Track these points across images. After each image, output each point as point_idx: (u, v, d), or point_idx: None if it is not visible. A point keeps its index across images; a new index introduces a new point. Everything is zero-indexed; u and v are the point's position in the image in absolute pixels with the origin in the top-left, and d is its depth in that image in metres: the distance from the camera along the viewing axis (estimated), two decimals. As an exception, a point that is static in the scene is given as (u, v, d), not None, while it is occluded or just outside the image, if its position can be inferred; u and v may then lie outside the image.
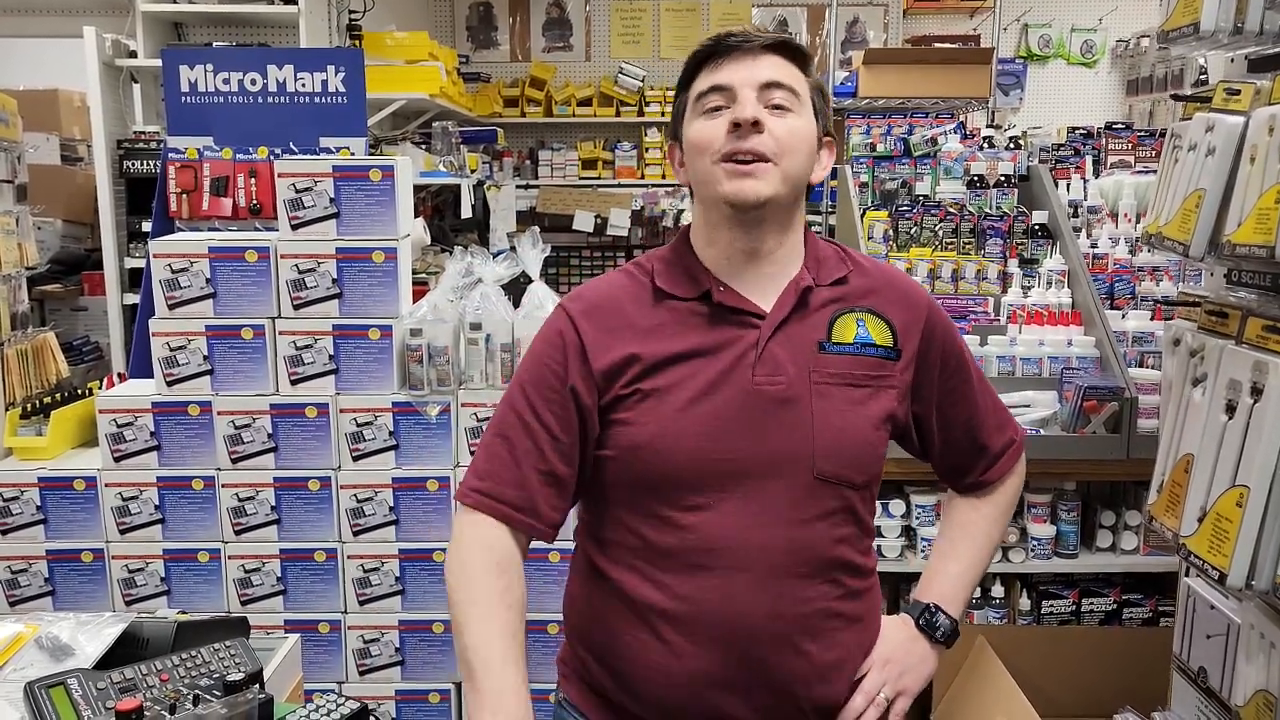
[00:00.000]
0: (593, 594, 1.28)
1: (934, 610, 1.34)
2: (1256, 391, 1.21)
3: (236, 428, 2.23)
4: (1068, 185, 3.11)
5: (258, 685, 1.25)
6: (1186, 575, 1.61)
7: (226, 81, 2.80)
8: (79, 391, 2.57)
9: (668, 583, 1.21)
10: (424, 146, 4.61)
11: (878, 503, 2.47)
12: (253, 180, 2.66)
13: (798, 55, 1.25)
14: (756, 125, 1.17)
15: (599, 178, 6.58)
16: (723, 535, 1.19)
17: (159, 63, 2.96)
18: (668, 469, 1.20)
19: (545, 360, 1.25)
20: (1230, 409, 1.26)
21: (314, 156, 2.55)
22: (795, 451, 1.20)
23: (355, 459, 2.25)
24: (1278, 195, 1.17)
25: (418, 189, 4.37)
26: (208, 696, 1.19)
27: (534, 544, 1.28)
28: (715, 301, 1.23)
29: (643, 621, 1.22)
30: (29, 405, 2.41)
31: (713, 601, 1.19)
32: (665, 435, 1.19)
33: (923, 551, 2.50)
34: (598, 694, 1.29)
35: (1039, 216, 2.90)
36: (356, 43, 4.34)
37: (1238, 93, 1.31)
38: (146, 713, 1.14)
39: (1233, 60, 1.44)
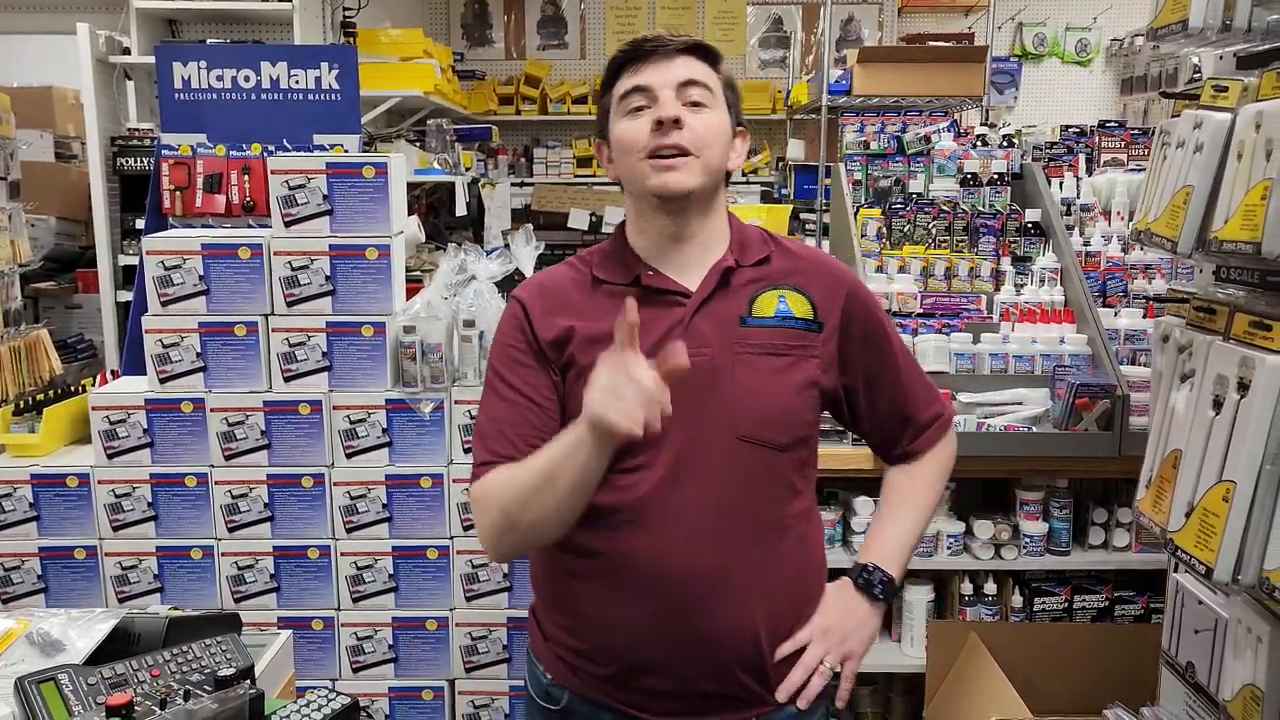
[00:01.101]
0: (547, 548, 1.38)
1: (871, 569, 1.43)
2: (1243, 387, 1.21)
3: (229, 425, 2.24)
4: (1060, 183, 3.11)
5: (249, 681, 1.25)
6: (1175, 571, 1.62)
7: (220, 78, 2.79)
8: (72, 389, 2.57)
9: (608, 537, 1.32)
10: (418, 144, 4.60)
11: (870, 500, 2.49)
12: (246, 177, 2.66)
13: (709, 55, 1.37)
14: (677, 122, 1.29)
15: (594, 175, 6.58)
16: (655, 495, 1.30)
17: (153, 60, 2.96)
18: None
19: (508, 341, 1.38)
20: (1217, 404, 1.26)
21: (307, 154, 2.55)
22: (718, 415, 1.31)
23: (348, 456, 2.25)
24: (1264, 192, 1.18)
25: (412, 187, 4.37)
26: (198, 692, 1.19)
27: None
28: (644, 285, 1.35)
29: (585, 574, 1.35)
30: (22, 402, 2.41)
31: (644, 555, 1.30)
32: None
33: (915, 548, 2.51)
34: (552, 640, 1.42)
35: (1032, 214, 2.91)
36: (351, 40, 4.34)
37: (1225, 89, 1.32)
38: (137, 708, 1.14)
39: (1221, 57, 1.45)
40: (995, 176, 3.02)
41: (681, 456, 1.30)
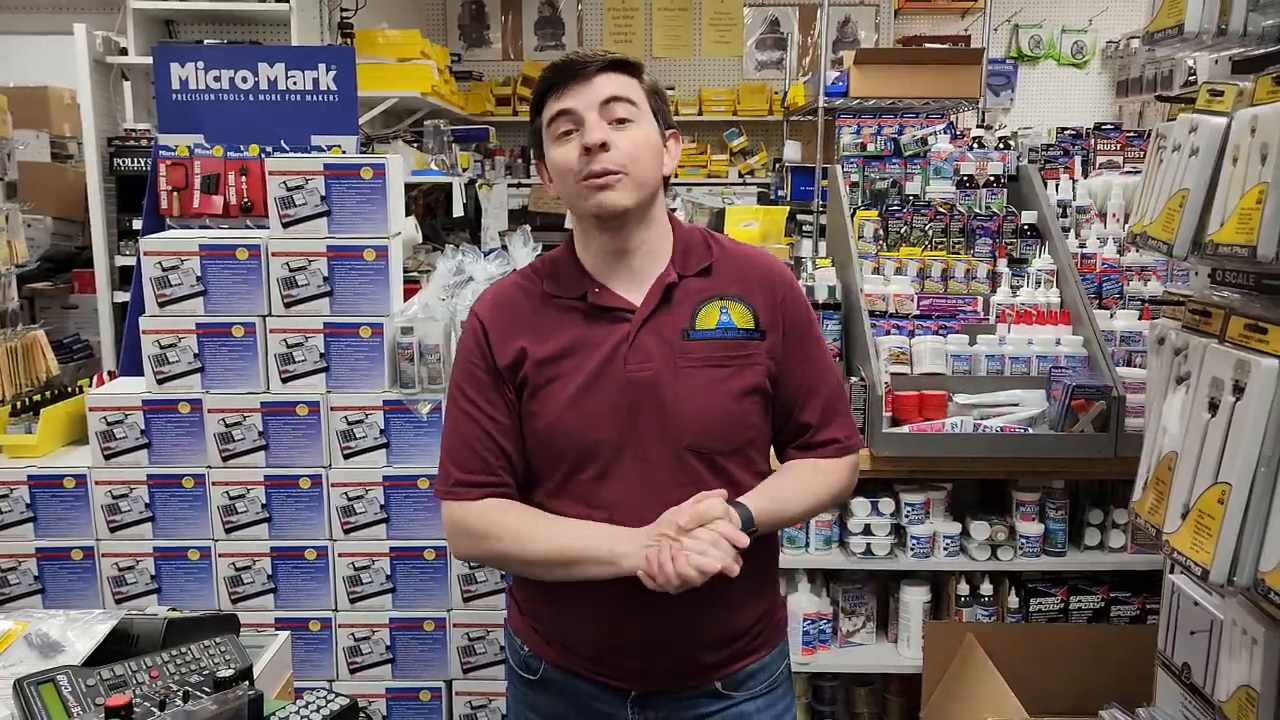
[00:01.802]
0: None
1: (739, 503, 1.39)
2: (1238, 390, 1.22)
3: (227, 425, 2.24)
4: (1056, 185, 3.12)
5: (248, 682, 1.25)
6: (1171, 572, 1.62)
7: (218, 79, 2.79)
8: (69, 389, 2.57)
9: None
10: (416, 145, 4.61)
11: (867, 500, 2.50)
12: (243, 178, 2.66)
13: (630, 68, 1.40)
14: (604, 146, 1.33)
15: (591, 176, 6.56)
16: (616, 501, 1.36)
17: (150, 60, 2.96)
18: (562, 453, 1.38)
19: (470, 359, 1.43)
20: (1213, 407, 1.27)
21: (305, 155, 2.56)
22: (664, 428, 1.36)
23: (346, 457, 2.25)
24: (1259, 195, 1.18)
25: (409, 187, 4.37)
26: (197, 693, 1.19)
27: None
28: (590, 302, 1.40)
29: (559, 585, 1.40)
30: (19, 403, 2.41)
31: None
32: (556, 425, 1.37)
33: (912, 549, 2.52)
34: (528, 616, 1.49)
35: (1028, 216, 2.91)
36: (348, 41, 4.34)
37: (1221, 94, 1.32)
38: (136, 709, 1.14)
39: (1217, 61, 1.46)
40: (991, 179, 3.03)
41: (636, 467, 1.36)
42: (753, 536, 1.33)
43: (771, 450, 1.54)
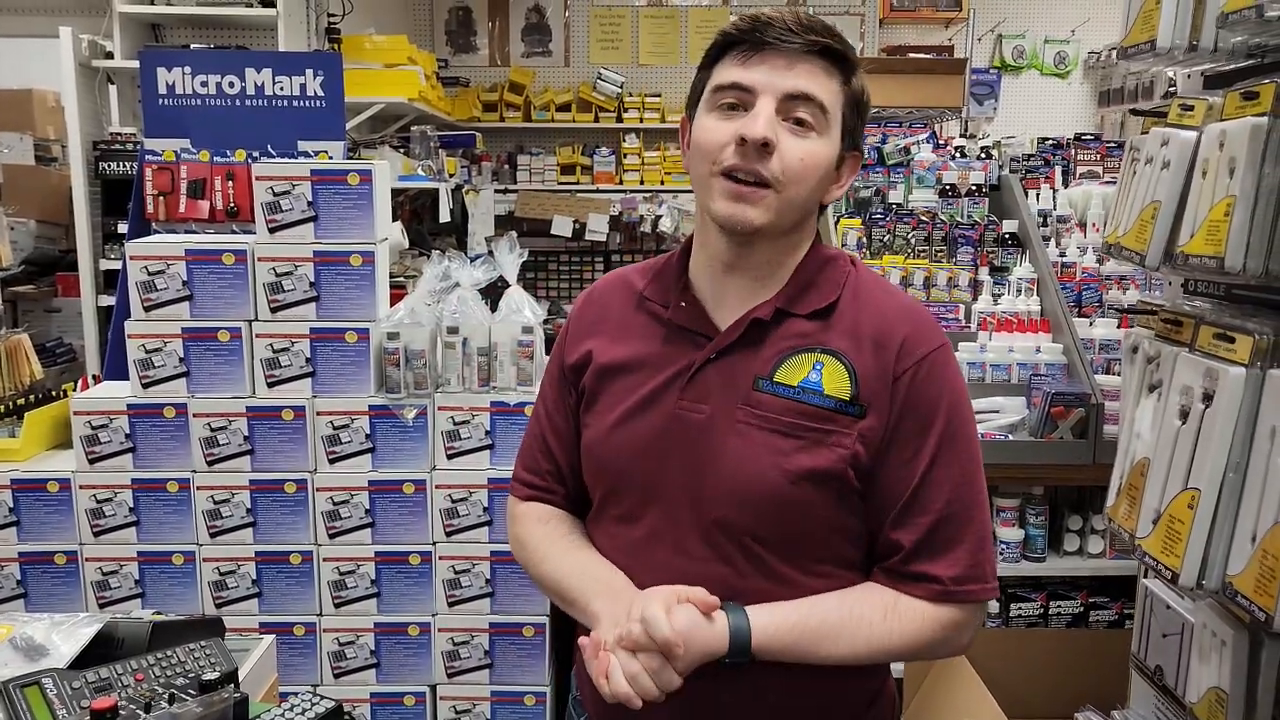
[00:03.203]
0: None
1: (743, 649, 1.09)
2: (1207, 398, 1.25)
3: (212, 430, 2.24)
4: (1037, 195, 3.16)
5: (233, 685, 1.26)
6: (1144, 576, 1.65)
7: (204, 84, 2.80)
8: (53, 393, 2.56)
9: None
10: (402, 150, 4.62)
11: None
12: (230, 183, 2.66)
13: (840, 61, 1.12)
14: (765, 146, 1.07)
15: (577, 183, 6.59)
16: (637, 553, 1.17)
17: (136, 64, 2.96)
18: (598, 476, 1.24)
19: (555, 354, 1.32)
20: (1183, 414, 1.30)
21: (292, 160, 2.56)
22: (695, 489, 1.13)
23: (331, 461, 2.26)
24: (1227, 208, 1.21)
25: (396, 193, 4.38)
26: (183, 696, 1.20)
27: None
28: (668, 318, 1.19)
29: None
30: (2, 406, 2.40)
31: None
32: (599, 444, 1.21)
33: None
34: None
35: (1009, 225, 2.95)
36: (335, 46, 4.35)
37: (1191, 109, 1.36)
38: (122, 711, 1.15)
39: (1189, 76, 1.49)
40: (973, 188, 3.07)
41: (661, 523, 1.16)
42: (739, 665, 1.07)
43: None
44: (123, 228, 3.61)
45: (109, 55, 3.90)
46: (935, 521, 1.12)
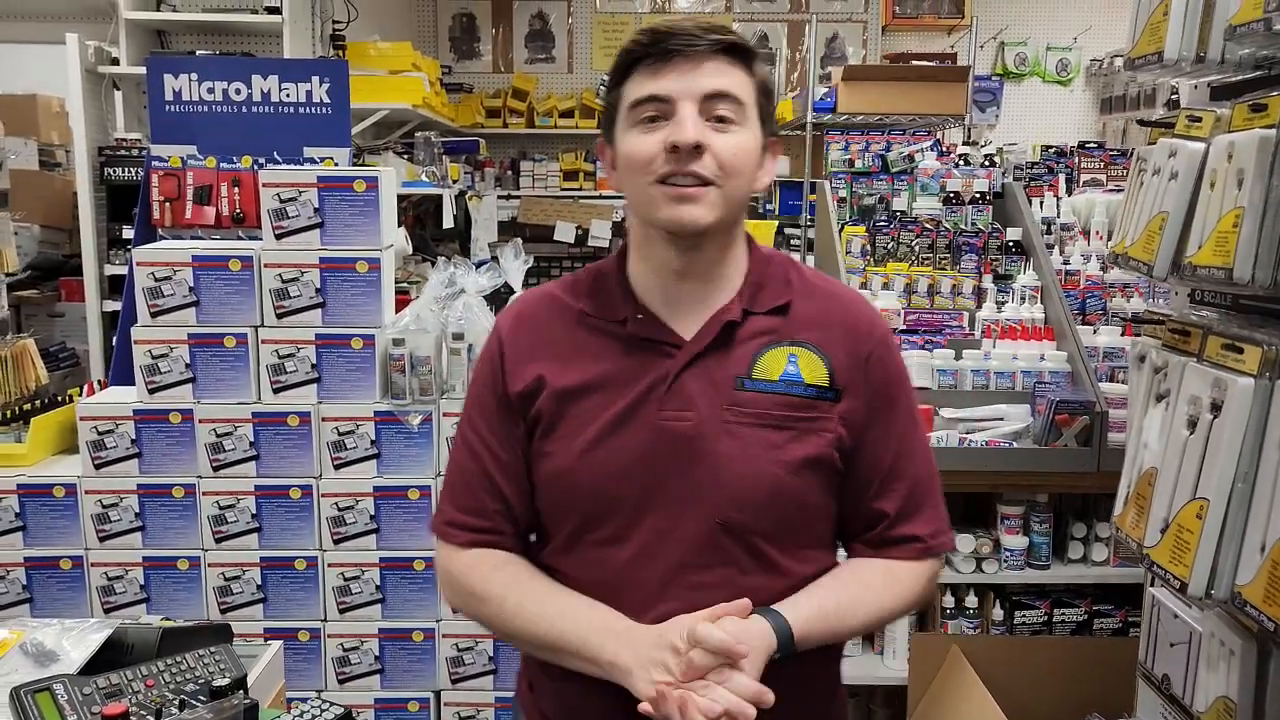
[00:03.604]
0: None
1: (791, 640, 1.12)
2: (1216, 408, 1.25)
3: (218, 436, 2.24)
4: (1041, 203, 3.16)
5: (242, 691, 1.26)
6: (1151, 585, 1.65)
7: (211, 91, 2.81)
8: (58, 398, 2.56)
9: None
10: (406, 156, 4.63)
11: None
12: (236, 189, 2.67)
13: (744, 56, 1.15)
14: (698, 149, 1.09)
15: (580, 189, 6.61)
16: (628, 574, 1.14)
17: (142, 70, 2.97)
18: (572, 505, 1.17)
19: (483, 383, 1.23)
20: (1191, 424, 1.30)
21: (298, 167, 2.57)
22: (697, 496, 1.12)
23: (336, 467, 2.26)
24: (1235, 219, 1.22)
25: (400, 199, 4.38)
26: (193, 702, 1.20)
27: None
28: (630, 331, 1.18)
29: None
30: (8, 412, 2.41)
31: None
32: (569, 471, 1.16)
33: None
34: (538, 693, 1.26)
35: (1013, 233, 2.96)
36: (340, 53, 4.36)
37: (1199, 120, 1.36)
38: (132, 717, 1.15)
39: (1196, 87, 1.50)
40: (977, 195, 3.07)
41: (655, 537, 1.14)
42: (786, 660, 1.09)
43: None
44: (127, 233, 3.62)
45: (115, 61, 3.91)
46: (911, 486, 1.20)
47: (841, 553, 1.26)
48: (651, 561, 1.14)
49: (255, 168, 2.64)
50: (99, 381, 2.66)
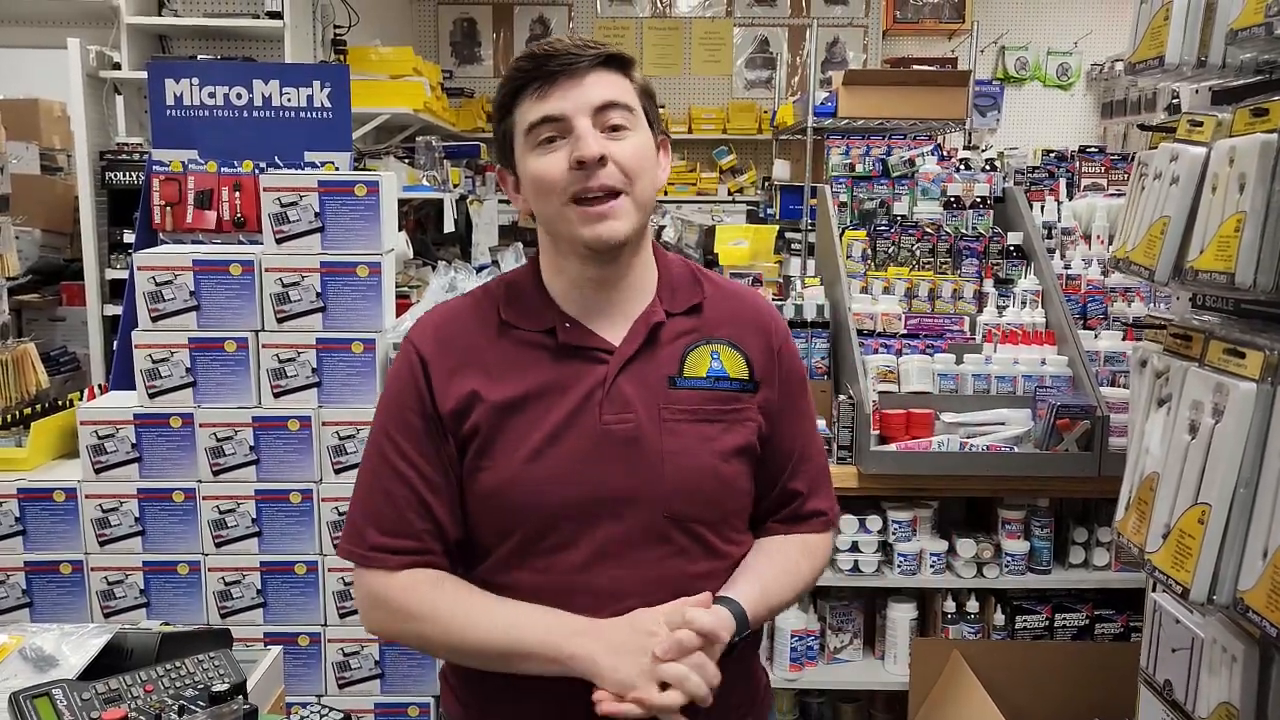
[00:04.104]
0: None
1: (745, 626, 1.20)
2: (1218, 412, 1.25)
3: (218, 440, 2.24)
4: (1042, 207, 3.16)
5: (242, 696, 1.26)
6: (1153, 590, 1.65)
7: (212, 95, 2.81)
8: (58, 402, 2.56)
9: None
10: (407, 160, 4.63)
11: (854, 518, 2.52)
12: (237, 194, 2.67)
13: (623, 64, 1.19)
14: (602, 161, 1.12)
15: (581, 193, 6.60)
16: (580, 577, 1.17)
17: (143, 75, 2.98)
18: (517, 517, 1.18)
19: (403, 401, 1.21)
20: (1193, 429, 1.30)
21: (299, 171, 2.57)
22: (644, 492, 1.17)
23: (337, 472, 2.26)
24: (1237, 224, 1.22)
25: (400, 203, 4.38)
26: (193, 707, 1.20)
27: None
28: (560, 341, 1.20)
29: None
30: (8, 416, 2.41)
31: None
32: (512, 484, 1.17)
33: (899, 566, 2.54)
34: (465, 706, 1.28)
35: (1014, 237, 2.96)
36: (341, 57, 4.37)
37: (1200, 124, 1.36)
38: (131, 723, 1.15)
39: (1197, 91, 1.50)
40: (978, 200, 3.07)
41: (605, 535, 1.17)
42: (743, 641, 1.17)
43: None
44: (128, 237, 3.62)
45: (116, 66, 3.91)
46: (816, 466, 1.33)
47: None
48: (604, 561, 1.17)
49: (256, 172, 2.64)
50: (100, 385, 2.66)
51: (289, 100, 2.81)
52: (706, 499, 1.21)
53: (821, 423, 2.42)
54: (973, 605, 2.57)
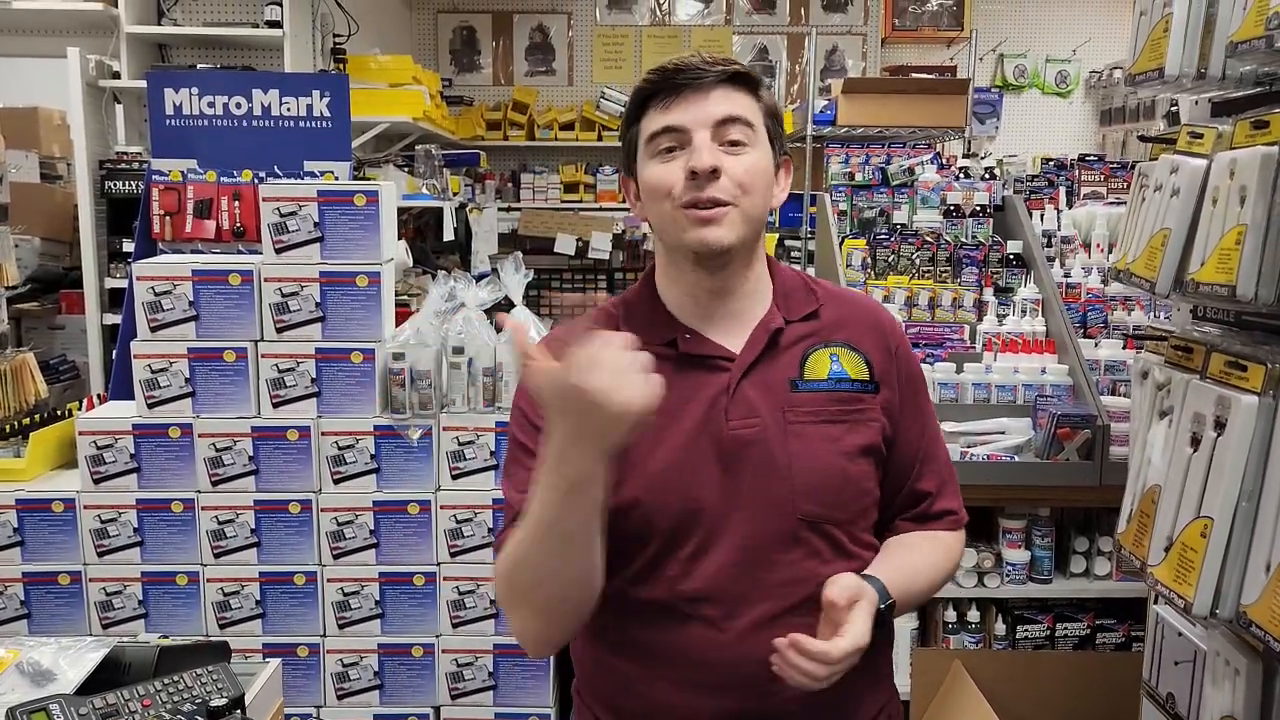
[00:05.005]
0: (598, 650, 1.26)
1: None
2: (1220, 425, 1.24)
3: (217, 450, 2.24)
4: (1041, 215, 3.17)
5: (240, 711, 1.25)
6: (1155, 603, 1.64)
7: (211, 105, 2.81)
8: (57, 412, 2.56)
9: (663, 631, 1.20)
10: (406, 169, 4.63)
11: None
12: (236, 203, 2.67)
13: (750, 83, 1.22)
14: (715, 173, 1.16)
15: (581, 201, 6.62)
16: (715, 582, 1.18)
17: (143, 84, 2.98)
18: (653, 529, 1.19)
19: (526, 408, 1.23)
20: (1195, 442, 1.29)
21: (299, 181, 2.57)
22: (775, 495, 1.19)
23: (336, 482, 2.26)
24: (1238, 236, 1.21)
25: (400, 211, 4.38)
26: (190, 722, 1.20)
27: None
28: (681, 350, 1.22)
29: (646, 673, 1.21)
30: (7, 426, 2.40)
31: (706, 648, 1.18)
32: (648, 496, 1.18)
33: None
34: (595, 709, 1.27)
35: (1014, 246, 2.96)
36: (341, 66, 4.37)
37: (1200, 136, 1.36)
38: (128, 739, 1.14)
39: (1196, 103, 1.49)
40: (978, 208, 3.07)
41: (739, 540, 1.19)
42: (890, 615, 1.18)
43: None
44: (128, 246, 3.62)
45: (116, 75, 3.91)
46: (943, 466, 1.33)
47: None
48: (739, 565, 1.19)
49: (255, 181, 2.64)
50: (99, 395, 2.66)
51: (288, 109, 2.81)
52: (835, 498, 1.22)
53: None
54: (974, 615, 2.56)
